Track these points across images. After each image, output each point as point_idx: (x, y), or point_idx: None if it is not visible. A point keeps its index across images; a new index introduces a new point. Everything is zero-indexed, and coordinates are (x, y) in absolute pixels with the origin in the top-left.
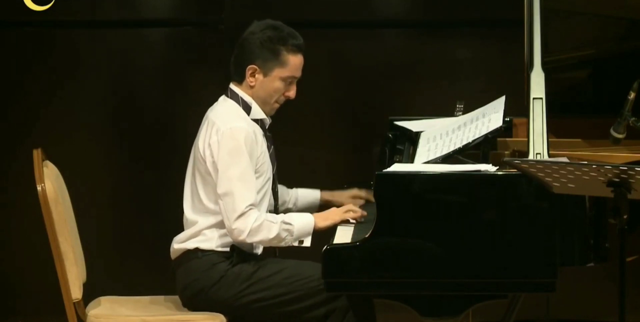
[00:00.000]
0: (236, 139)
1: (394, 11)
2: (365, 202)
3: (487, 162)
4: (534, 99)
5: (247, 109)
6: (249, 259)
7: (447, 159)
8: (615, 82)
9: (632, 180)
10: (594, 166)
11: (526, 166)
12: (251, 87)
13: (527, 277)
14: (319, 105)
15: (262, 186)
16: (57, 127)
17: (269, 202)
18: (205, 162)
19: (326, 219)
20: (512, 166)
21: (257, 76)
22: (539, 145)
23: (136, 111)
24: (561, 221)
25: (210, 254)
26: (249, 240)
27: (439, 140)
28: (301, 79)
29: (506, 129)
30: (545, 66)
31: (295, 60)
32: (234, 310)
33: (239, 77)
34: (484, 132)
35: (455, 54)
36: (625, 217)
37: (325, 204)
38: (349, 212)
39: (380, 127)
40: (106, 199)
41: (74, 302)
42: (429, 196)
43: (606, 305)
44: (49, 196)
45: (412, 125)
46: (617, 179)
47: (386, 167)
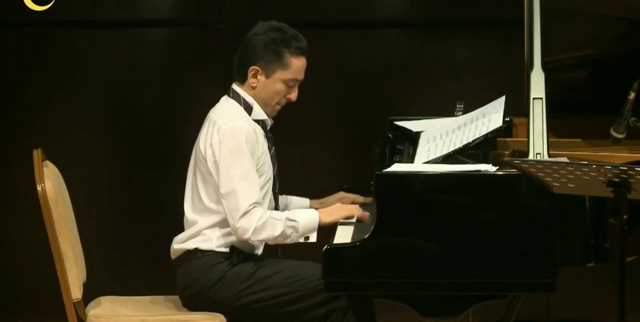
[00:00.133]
0: (238, 138)
1: (394, 11)
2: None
3: (487, 162)
4: (534, 99)
5: (248, 110)
6: (248, 260)
7: (447, 159)
8: (615, 82)
9: (632, 180)
10: (594, 166)
11: (526, 166)
12: (253, 88)
13: (527, 277)
14: (319, 105)
15: (262, 186)
16: (57, 127)
17: (269, 202)
18: (206, 162)
19: (331, 215)
20: (512, 166)
21: (259, 77)
22: (539, 145)
23: (136, 111)
24: (561, 221)
25: (209, 254)
26: (254, 238)
27: (439, 140)
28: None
29: (506, 129)
30: (545, 66)
31: (297, 62)
32: (234, 310)
33: (241, 78)
34: (484, 132)
35: (455, 54)
36: (625, 217)
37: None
38: (354, 208)
39: (380, 127)
40: (106, 199)
41: (74, 302)
42: (429, 196)
43: (606, 305)
44: (49, 196)
45: (412, 125)
46: (617, 179)
47: (386, 167)
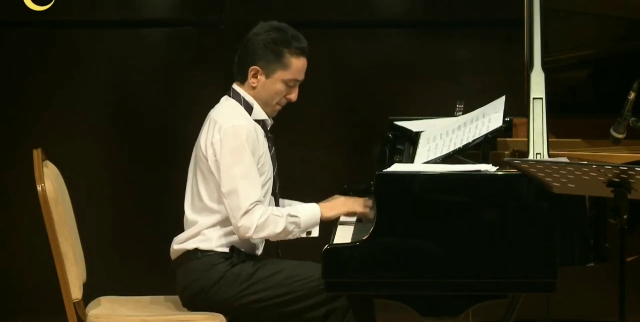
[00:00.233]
0: (238, 136)
1: (394, 11)
2: None
3: (487, 162)
4: (534, 99)
5: (248, 109)
6: (248, 260)
7: (447, 159)
8: (615, 82)
9: (632, 180)
10: (594, 166)
11: (526, 166)
12: (253, 88)
13: (527, 277)
14: (319, 105)
15: (262, 186)
16: (57, 127)
17: (269, 203)
18: (207, 161)
19: (332, 209)
20: (512, 166)
21: (259, 77)
22: (539, 145)
23: (136, 111)
24: (561, 221)
25: (209, 254)
26: (256, 236)
27: (439, 140)
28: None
29: (506, 129)
30: (545, 66)
31: (298, 63)
32: (234, 310)
33: (242, 78)
34: (484, 132)
35: (455, 54)
36: (625, 217)
37: None
38: (355, 204)
39: (380, 127)
40: (106, 199)
41: (74, 302)
42: (429, 196)
43: (606, 305)
44: (49, 196)
45: (412, 125)
46: (617, 179)
47: (386, 167)
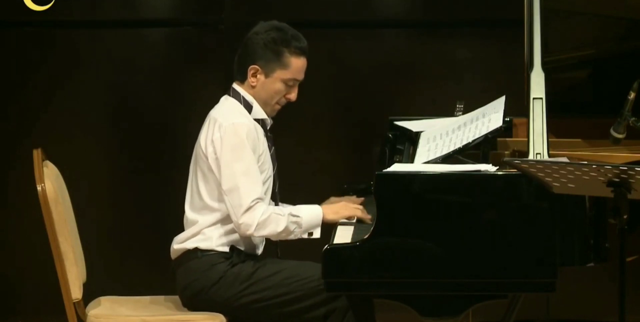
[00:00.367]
0: (238, 134)
1: (394, 11)
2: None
3: (487, 162)
4: (534, 99)
5: (248, 108)
6: (248, 260)
7: (447, 159)
8: (615, 82)
9: (632, 180)
10: (594, 166)
11: (526, 166)
12: (253, 87)
13: (527, 277)
14: (319, 105)
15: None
16: (57, 127)
17: (269, 203)
18: (207, 159)
19: (336, 213)
20: (512, 166)
21: (258, 77)
22: (539, 145)
23: (136, 111)
24: (561, 221)
25: (209, 254)
26: (257, 234)
27: (439, 140)
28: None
29: (506, 129)
30: (545, 66)
31: (297, 62)
32: (234, 310)
33: (241, 77)
34: (484, 132)
35: (455, 54)
36: (625, 217)
37: None
38: (358, 210)
39: (380, 127)
40: (106, 199)
41: (74, 302)
42: (429, 196)
43: (606, 305)
44: (49, 196)
45: (412, 125)
46: (617, 179)
47: (386, 167)
